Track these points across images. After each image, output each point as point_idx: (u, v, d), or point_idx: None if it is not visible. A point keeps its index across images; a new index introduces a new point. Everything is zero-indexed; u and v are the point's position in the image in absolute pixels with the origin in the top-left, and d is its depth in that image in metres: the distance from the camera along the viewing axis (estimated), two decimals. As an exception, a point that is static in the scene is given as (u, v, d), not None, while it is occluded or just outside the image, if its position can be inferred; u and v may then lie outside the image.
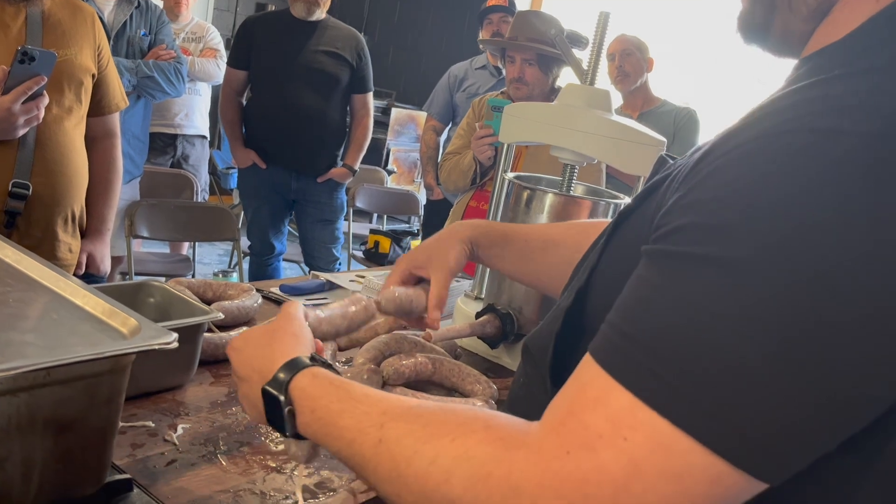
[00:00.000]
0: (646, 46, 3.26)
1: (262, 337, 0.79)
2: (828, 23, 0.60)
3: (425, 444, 0.56)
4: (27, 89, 1.53)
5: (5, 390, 0.68)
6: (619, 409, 0.50)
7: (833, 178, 0.47)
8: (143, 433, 1.01)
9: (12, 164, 1.60)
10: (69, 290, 0.87)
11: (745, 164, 0.51)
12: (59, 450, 0.76)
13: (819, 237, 0.47)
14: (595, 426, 0.50)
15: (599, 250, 0.72)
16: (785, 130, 0.50)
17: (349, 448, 0.63)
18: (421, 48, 6.53)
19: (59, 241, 1.74)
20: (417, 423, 0.59)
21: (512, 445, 0.53)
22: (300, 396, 0.69)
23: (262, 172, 3.31)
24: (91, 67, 1.75)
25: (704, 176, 0.53)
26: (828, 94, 0.52)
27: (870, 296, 0.46)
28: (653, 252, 0.54)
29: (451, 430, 0.56)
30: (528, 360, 0.82)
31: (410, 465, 0.57)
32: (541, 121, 1.42)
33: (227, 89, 3.34)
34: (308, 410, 0.68)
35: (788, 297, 0.47)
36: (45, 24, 1.65)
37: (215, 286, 1.49)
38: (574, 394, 0.53)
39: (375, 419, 0.61)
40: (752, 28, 0.67)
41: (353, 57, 3.24)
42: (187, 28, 4.02)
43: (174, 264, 3.59)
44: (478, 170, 2.52)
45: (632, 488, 0.48)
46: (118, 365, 0.77)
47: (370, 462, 0.60)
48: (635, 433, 0.49)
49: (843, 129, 0.48)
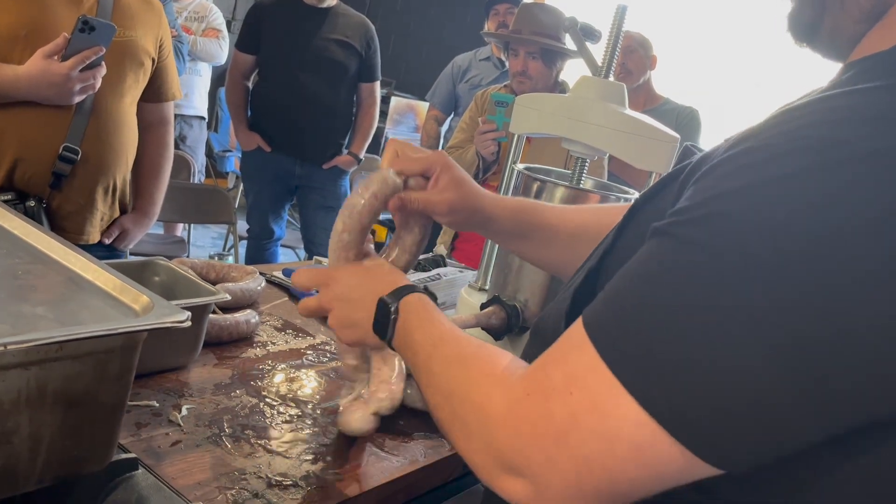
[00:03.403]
0: (649, 44, 3.25)
1: (360, 272, 0.91)
2: (881, 27, 0.59)
3: (451, 367, 0.71)
4: (85, 58, 1.59)
5: (17, 363, 0.67)
6: (579, 367, 0.55)
7: (844, 187, 0.47)
8: (147, 413, 1.00)
9: (66, 129, 1.67)
10: (79, 264, 0.85)
11: (760, 164, 0.51)
12: (67, 425, 0.74)
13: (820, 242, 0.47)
14: (554, 378, 0.56)
15: (615, 234, 0.73)
16: (804, 135, 0.50)
17: (414, 357, 0.78)
18: (422, 37, 6.49)
19: (97, 209, 1.80)
20: (456, 346, 0.73)
21: (497, 381, 0.63)
22: (407, 310, 0.82)
23: (266, 156, 3.29)
24: (151, 52, 1.83)
25: (723, 169, 0.53)
26: (858, 106, 0.51)
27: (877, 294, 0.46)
28: (653, 230, 0.56)
29: (471, 362, 0.68)
30: (535, 342, 0.81)
31: (436, 377, 0.72)
32: (553, 113, 1.41)
33: (234, 72, 3.32)
34: (402, 322, 0.82)
35: (760, 285, 0.48)
36: (116, 4, 1.74)
37: (218, 267, 1.48)
38: (555, 347, 0.60)
39: (434, 339, 0.76)
40: (800, 27, 0.65)
41: (363, 46, 3.23)
42: (190, 7, 3.98)
43: (169, 245, 3.57)
44: (480, 165, 2.50)
45: (570, 439, 0.54)
46: (130, 342, 0.76)
47: (421, 369, 0.76)
48: (582, 391, 0.54)
49: (870, 146, 0.48)
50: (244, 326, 1.28)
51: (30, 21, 1.61)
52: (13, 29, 1.60)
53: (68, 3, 1.67)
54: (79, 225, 1.77)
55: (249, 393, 1.11)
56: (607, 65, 1.42)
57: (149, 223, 2.00)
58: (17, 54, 1.60)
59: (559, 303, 0.77)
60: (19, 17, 1.60)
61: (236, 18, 5.98)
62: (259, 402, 1.09)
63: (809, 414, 0.48)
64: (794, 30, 0.66)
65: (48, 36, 1.59)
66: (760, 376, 0.47)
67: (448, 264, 1.92)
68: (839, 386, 0.47)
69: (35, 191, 1.68)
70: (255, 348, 1.28)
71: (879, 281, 0.46)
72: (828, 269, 0.46)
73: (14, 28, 1.60)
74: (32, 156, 1.66)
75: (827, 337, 0.46)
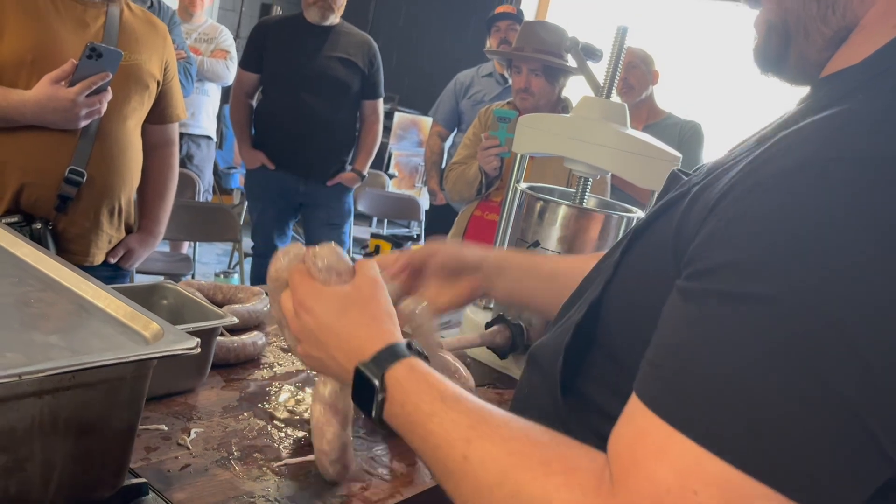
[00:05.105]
0: (651, 59, 3.26)
1: (342, 300, 0.77)
2: (845, 49, 0.61)
3: (509, 475, 0.57)
4: (92, 83, 1.61)
5: (31, 392, 0.68)
6: (684, 460, 0.49)
7: (866, 207, 0.47)
8: (156, 436, 1.01)
9: (71, 152, 1.70)
10: (90, 291, 0.86)
11: (778, 199, 0.50)
12: (78, 452, 0.75)
13: (860, 275, 0.46)
14: (662, 479, 0.49)
15: (614, 265, 0.71)
16: (812, 162, 0.50)
17: (433, 453, 0.64)
18: (425, 53, 6.53)
19: (103, 231, 1.82)
20: (504, 448, 0.59)
21: (590, 494, 0.53)
22: (394, 387, 0.69)
23: (270, 174, 3.31)
24: (157, 75, 1.86)
25: (738, 211, 0.52)
26: (851, 120, 0.52)
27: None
28: (692, 290, 0.53)
29: (535, 465, 0.57)
30: (534, 369, 0.81)
31: (493, 493, 0.58)
32: (556, 132, 1.42)
33: (237, 91, 3.35)
34: (398, 403, 0.68)
35: (837, 337, 0.46)
36: (122, 29, 1.76)
37: (225, 289, 1.49)
38: (633, 439, 0.53)
39: (463, 433, 0.62)
40: (768, 59, 0.67)
41: (365, 63, 3.26)
42: (200, 28, 4.02)
43: (175, 263, 3.59)
44: (483, 180, 2.52)
45: None
46: (140, 369, 0.77)
47: (453, 475, 0.62)
48: (706, 486, 0.48)
49: (872, 154, 0.49)
50: (251, 348, 1.29)
51: (36, 46, 1.63)
52: (20, 54, 1.62)
53: (75, 28, 1.70)
54: (84, 246, 1.79)
55: (257, 415, 1.12)
56: (609, 84, 1.43)
57: (154, 242, 2.02)
58: (24, 79, 1.63)
59: (557, 335, 0.76)
60: (26, 43, 1.63)
61: (240, 36, 6.02)
62: (266, 424, 1.10)
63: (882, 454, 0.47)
64: (761, 62, 0.68)
65: (55, 61, 1.62)
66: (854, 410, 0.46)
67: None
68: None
69: (41, 213, 1.70)
70: (261, 370, 1.29)
71: None
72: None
73: (21, 53, 1.62)
74: (38, 179, 1.68)
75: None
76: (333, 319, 0.76)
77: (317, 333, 0.77)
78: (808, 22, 0.62)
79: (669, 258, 0.61)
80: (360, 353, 0.72)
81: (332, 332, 0.76)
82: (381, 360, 0.71)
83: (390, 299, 0.79)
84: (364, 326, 0.75)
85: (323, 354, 0.77)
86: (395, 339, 0.73)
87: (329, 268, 0.79)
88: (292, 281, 0.80)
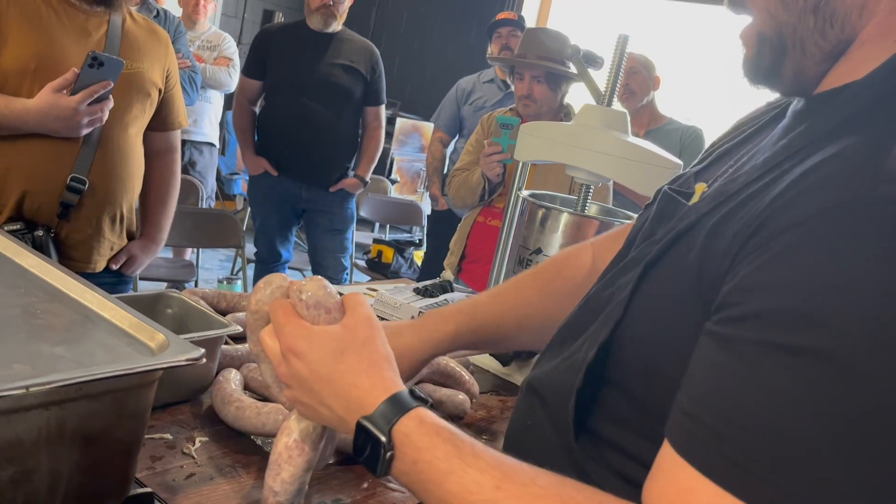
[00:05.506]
0: (652, 65, 3.28)
1: (336, 344, 0.69)
2: (843, 62, 0.60)
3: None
4: (93, 92, 1.63)
5: (38, 404, 0.69)
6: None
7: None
8: (161, 445, 1.01)
9: (73, 160, 1.71)
10: (96, 302, 0.87)
11: (819, 243, 0.48)
12: (85, 462, 0.76)
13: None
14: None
15: (624, 303, 0.67)
16: (851, 203, 0.48)
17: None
18: (427, 58, 6.55)
19: (105, 238, 1.83)
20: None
21: None
22: (403, 443, 0.63)
23: (272, 181, 3.33)
24: (158, 83, 1.87)
25: (775, 253, 0.50)
26: (877, 154, 0.50)
27: None
28: (729, 337, 0.51)
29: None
30: (535, 402, 0.77)
31: None
32: (558, 140, 1.43)
33: (240, 97, 3.37)
34: (410, 461, 0.63)
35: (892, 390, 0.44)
36: (124, 37, 1.78)
37: (229, 297, 1.49)
38: (676, 498, 0.50)
39: (489, 494, 0.57)
40: (760, 71, 0.65)
41: (368, 70, 3.27)
42: (203, 36, 4.04)
43: (178, 270, 3.60)
44: (486, 186, 2.53)
45: None
46: (146, 380, 0.78)
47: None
48: None
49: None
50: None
51: (39, 55, 1.64)
52: (23, 63, 1.63)
53: (77, 37, 1.71)
54: (86, 253, 1.80)
55: (261, 423, 1.13)
56: (610, 92, 1.44)
57: (156, 249, 2.03)
58: (27, 88, 1.64)
59: (563, 372, 0.72)
60: (29, 51, 1.64)
61: (242, 42, 6.04)
62: (271, 432, 1.11)
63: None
64: (752, 74, 0.66)
65: (57, 70, 1.63)
66: None
67: (455, 289, 1.93)
68: None
69: (43, 220, 1.71)
70: (266, 378, 1.29)
71: None
72: None
73: (24, 62, 1.63)
74: (40, 187, 1.69)
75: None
76: (328, 367, 0.68)
77: (310, 382, 0.69)
78: (806, 35, 0.60)
79: (691, 296, 0.59)
80: (360, 405, 0.66)
81: (326, 382, 0.68)
82: (386, 413, 0.64)
83: (386, 339, 0.72)
84: (363, 374, 0.68)
85: (315, 402, 0.70)
86: (398, 388, 0.67)
87: (317, 304, 0.71)
88: (276, 319, 0.72)
